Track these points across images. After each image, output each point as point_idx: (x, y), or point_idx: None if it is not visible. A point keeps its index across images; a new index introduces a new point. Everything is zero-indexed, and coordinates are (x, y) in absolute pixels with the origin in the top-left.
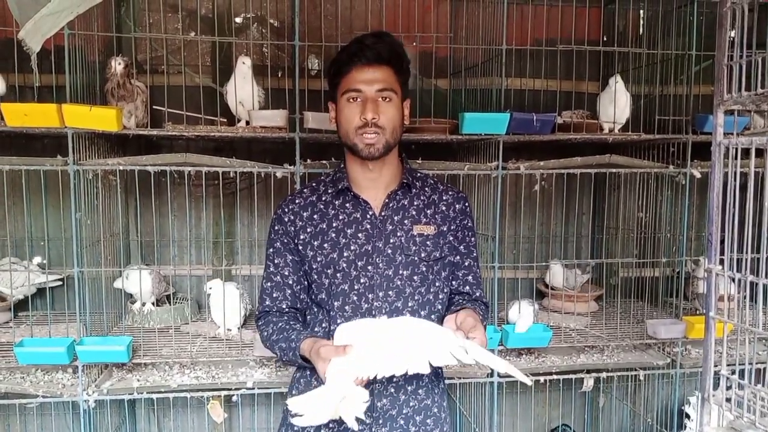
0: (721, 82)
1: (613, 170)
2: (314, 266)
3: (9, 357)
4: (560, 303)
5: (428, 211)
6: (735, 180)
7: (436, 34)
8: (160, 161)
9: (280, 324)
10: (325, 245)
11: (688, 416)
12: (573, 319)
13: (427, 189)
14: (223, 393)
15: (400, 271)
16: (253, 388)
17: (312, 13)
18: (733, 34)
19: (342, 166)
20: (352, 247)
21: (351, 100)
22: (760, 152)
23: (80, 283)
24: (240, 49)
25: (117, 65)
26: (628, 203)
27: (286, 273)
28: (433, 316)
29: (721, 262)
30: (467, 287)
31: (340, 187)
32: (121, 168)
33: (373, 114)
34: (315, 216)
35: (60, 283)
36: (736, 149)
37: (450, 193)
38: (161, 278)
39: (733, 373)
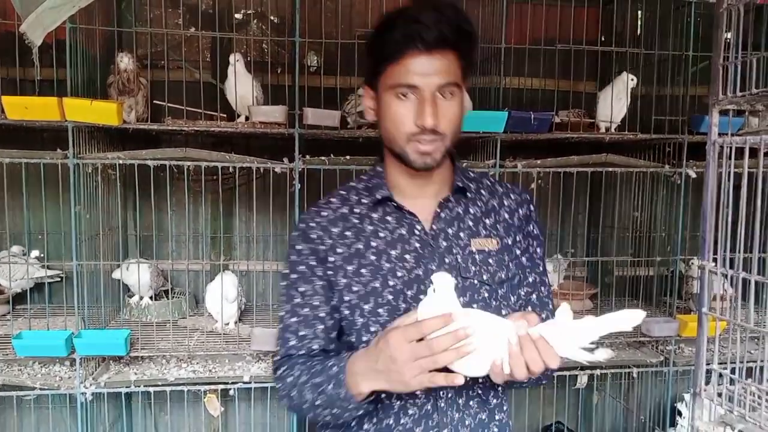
0: (716, 82)
1: (610, 169)
2: (347, 298)
3: (7, 349)
4: (555, 301)
5: (487, 221)
6: (729, 179)
7: None
8: (159, 155)
9: (309, 363)
10: (363, 271)
11: (680, 413)
12: None
13: (483, 192)
14: (220, 387)
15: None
16: (250, 382)
17: (312, 9)
18: (729, 36)
19: (379, 168)
20: (399, 273)
21: (402, 96)
22: (754, 152)
23: (78, 277)
24: (240, 44)
25: (129, 60)
26: (624, 202)
27: (316, 303)
28: None
29: (714, 260)
30: (529, 308)
31: (378, 196)
32: (120, 162)
33: (433, 119)
34: (348, 233)
35: (59, 275)
36: (731, 149)
37: (512, 196)
38: (159, 272)
39: (726, 369)
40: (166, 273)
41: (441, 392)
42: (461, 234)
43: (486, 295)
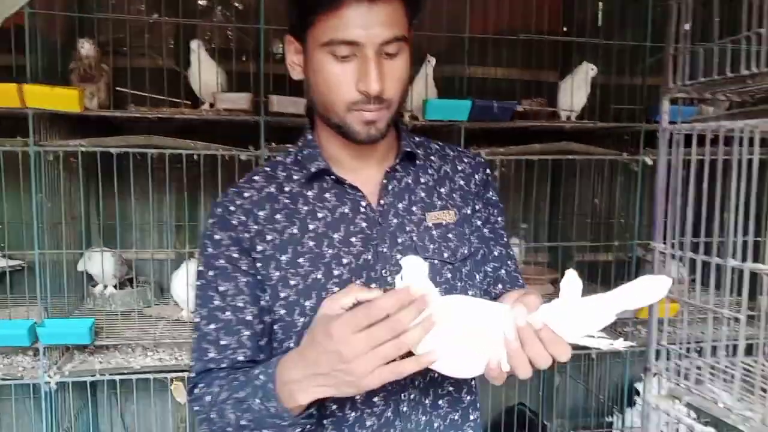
0: (667, 71)
1: (570, 157)
2: (282, 295)
3: None
4: None
5: (442, 190)
6: (679, 165)
7: None
8: (122, 143)
9: (232, 375)
10: (301, 260)
11: (638, 393)
12: None
13: (433, 158)
14: (187, 374)
15: None
16: None
17: None
18: (688, 27)
19: (310, 138)
20: (345, 260)
21: (341, 58)
22: (713, 139)
23: (41, 266)
24: (204, 32)
25: (90, 47)
26: (584, 190)
27: (241, 304)
28: None
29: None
30: (500, 286)
31: (313, 169)
32: (83, 149)
33: (379, 84)
34: (278, 215)
35: (20, 267)
36: (686, 135)
37: (465, 159)
38: (123, 261)
39: (675, 346)
40: (131, 262)
41: (403, 394)
42: (414, 208)
43: (449, 275)
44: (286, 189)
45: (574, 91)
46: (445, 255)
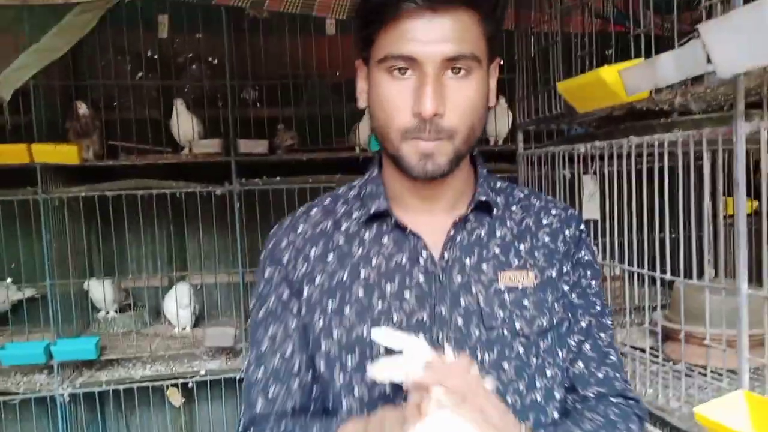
0: (518, 110)
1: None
2: (324, 348)
3: None
4: None
5: (521, 247)
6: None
7: None
8: (115, 187)
9: (288, 428)
10: (347, 311)
11: None
12: None
13: (514, 208)
14: (180, 381)
15: (480, 356)
16: (206, 375)
17: (247, 48)
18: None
19: (376, 173)
20: (396, 317)
21: (397, 72)
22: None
23: (52, 294)
24: (181, 88)
25: (85, 108)
26: None
27: (289, 352)
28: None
29: None
30: (581, 364)
31: (373, 209)
32: (83, 195)
33: (434, 106)
34: (330, 256)
35: (34, 294)
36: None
37: (554, 212)
38: (121, 289)
39: None
40: (129, 290)
41: None
42: (484, 265)
43: (521, 350)
44: (343, 227)
45: (497, 120)
46: (518, 325)
